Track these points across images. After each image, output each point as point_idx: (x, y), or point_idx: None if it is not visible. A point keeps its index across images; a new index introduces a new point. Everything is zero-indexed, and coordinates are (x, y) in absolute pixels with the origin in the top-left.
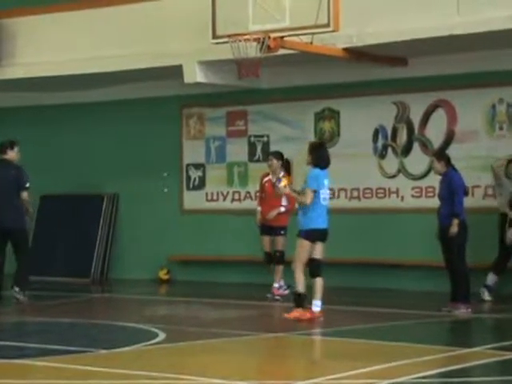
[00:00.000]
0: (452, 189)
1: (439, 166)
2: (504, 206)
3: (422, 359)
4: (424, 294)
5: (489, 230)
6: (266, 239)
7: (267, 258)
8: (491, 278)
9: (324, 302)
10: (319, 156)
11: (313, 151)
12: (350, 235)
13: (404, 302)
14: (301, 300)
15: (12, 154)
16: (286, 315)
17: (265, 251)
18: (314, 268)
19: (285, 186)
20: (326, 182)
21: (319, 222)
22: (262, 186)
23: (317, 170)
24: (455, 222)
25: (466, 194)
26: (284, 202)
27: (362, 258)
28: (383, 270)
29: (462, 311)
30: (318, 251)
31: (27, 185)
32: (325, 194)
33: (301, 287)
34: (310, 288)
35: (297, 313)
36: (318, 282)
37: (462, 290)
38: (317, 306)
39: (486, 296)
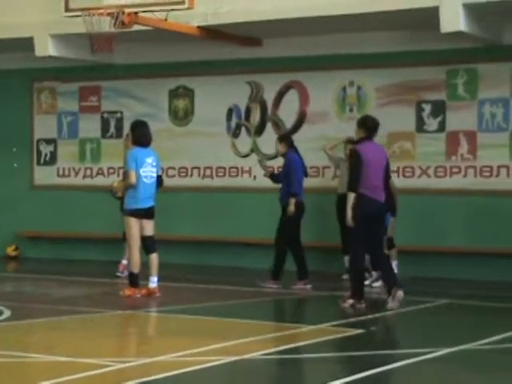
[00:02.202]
0: (290, 169)
1: (280, 146)
2: (344, 187)
3: (268, 336)
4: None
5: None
6: None
7: None
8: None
9: (163, 278)
10: (139, 134)
11: (133, 129)
12: (203, 214)
13: (254, 280)
14: (134, 278)
15: None
16: (121, 293)
17: None
18: (147, 245)
19: (118, 184)
20: (148, 159)
21: (141, 201)
22: None
23: (135, 150)
24: (292, 201)
25: (305, 175)
26: None
27: (213, 236)
28: (235, 248)
29: (300, 287)
30: (147, 228)
31: None
32: (147, 172)
33: (135, 267)
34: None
35: (129, 291)
36: (154, 258)
37: (301, 267)
38: (153, 282)
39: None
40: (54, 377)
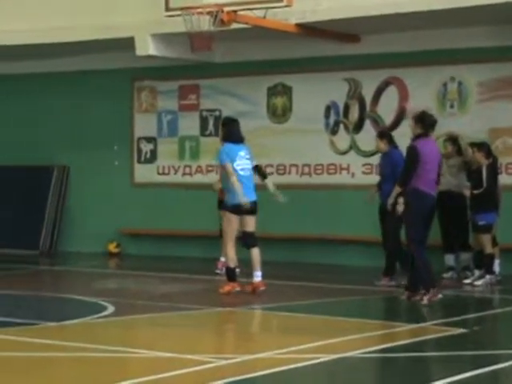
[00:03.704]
0: (394, 167)
1: (382, 144)
2: (443, 184)
3: (369, 334)
4: (375, 270)
5: None
6: None
7: None
8: (448, 258)
9: (262, 276)
10: (229, 131)
11: (223, 126)
12: (301, 211)
13: (352, 277)
14: (231, 272)
15: None
16: (220, 290)
17: None
18: (248, 240)
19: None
20: (241, 153)
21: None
22: None
23: (228, 145)
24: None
25: None
26: None
27: (311, 233)
28: (333, 245)
29: (383, 284)
30: (249, 224)
31: None
32: (242, 164)
33: (231, 261)
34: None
35: (228, 286)
36: (255, 252)
37: (396, 265)
38: (257, 276)
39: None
40: (156, 372)
